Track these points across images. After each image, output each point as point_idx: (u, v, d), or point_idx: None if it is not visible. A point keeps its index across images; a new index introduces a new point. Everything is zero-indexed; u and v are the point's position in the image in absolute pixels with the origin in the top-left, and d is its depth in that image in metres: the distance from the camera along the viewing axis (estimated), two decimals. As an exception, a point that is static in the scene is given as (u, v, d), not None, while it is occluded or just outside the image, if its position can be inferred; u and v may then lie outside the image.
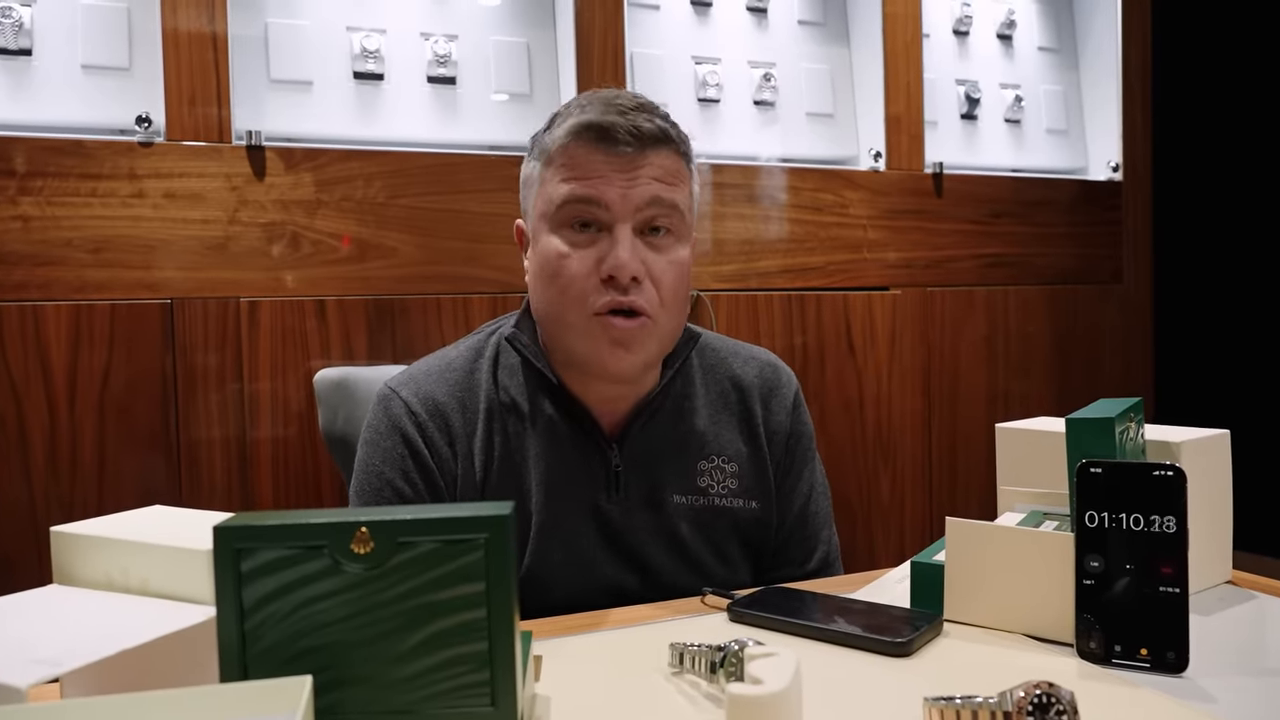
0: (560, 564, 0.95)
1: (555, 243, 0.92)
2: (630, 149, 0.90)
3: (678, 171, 0.94)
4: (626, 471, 0.98)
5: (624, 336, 0.90)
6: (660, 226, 0.93)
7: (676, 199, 0.93)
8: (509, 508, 0.55)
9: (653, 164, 0.91)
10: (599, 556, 0.97)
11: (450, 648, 0.54)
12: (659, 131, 0.91)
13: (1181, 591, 0.70)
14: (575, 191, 0.90)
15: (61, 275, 1.51)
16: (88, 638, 0.54)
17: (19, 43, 1.53)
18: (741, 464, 1.02)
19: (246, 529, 0.52)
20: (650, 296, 0.91)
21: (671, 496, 0.99)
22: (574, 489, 0.97)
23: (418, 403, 0.97)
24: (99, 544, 0.65)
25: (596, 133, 0.90)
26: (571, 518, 0.96)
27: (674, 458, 1.00)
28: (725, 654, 0.65)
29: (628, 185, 0.90)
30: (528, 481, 0.96)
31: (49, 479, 1.50)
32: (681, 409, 1.01)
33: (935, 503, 2.11)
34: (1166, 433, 0.91)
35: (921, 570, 0.85)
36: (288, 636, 0.53)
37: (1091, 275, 2.34)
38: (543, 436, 0.97)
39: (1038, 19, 2.38)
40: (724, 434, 1.02)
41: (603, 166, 0.90)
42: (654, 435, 0.99)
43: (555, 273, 0.92)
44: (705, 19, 2.03)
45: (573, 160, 0.91)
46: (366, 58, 1.75)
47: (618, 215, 0.90)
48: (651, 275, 0.91)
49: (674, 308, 0.94)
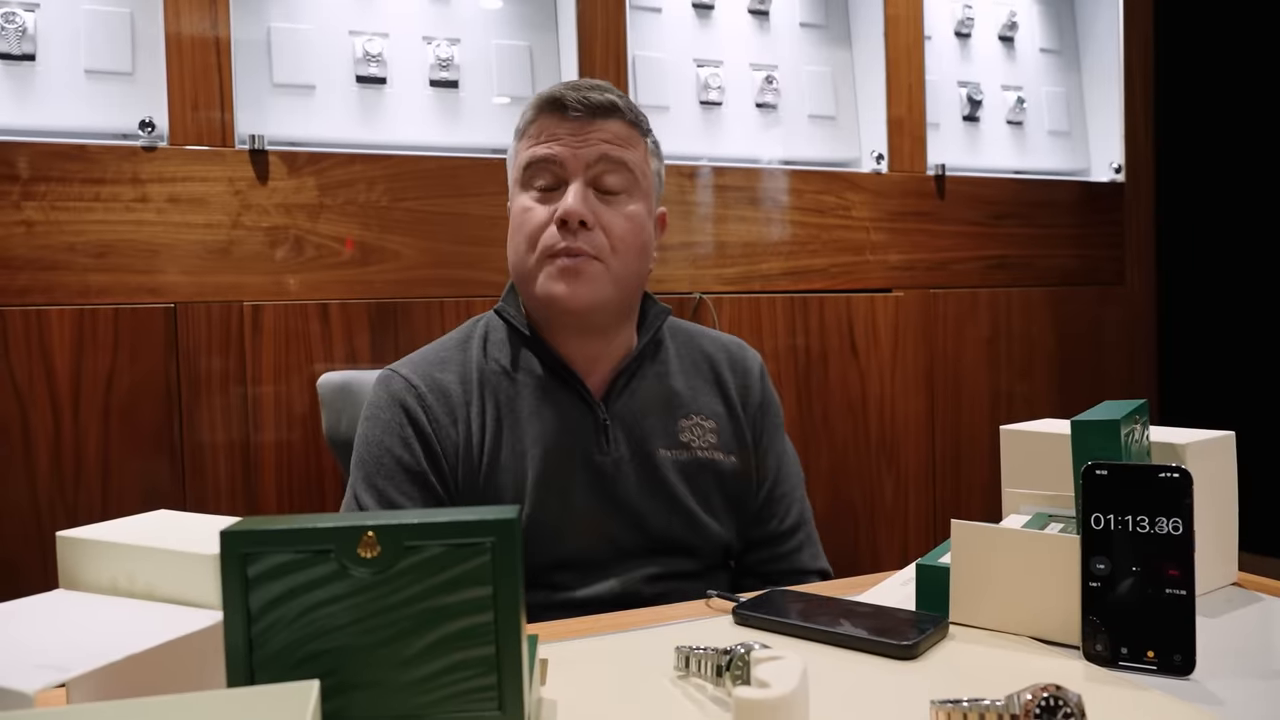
0: (557, 513, 1.02)
1: (522, 200, 1.06)
2: (580, 114, 1.03)
3: (628, 137, 1.05)
4: (614, 427, 1.06)
5: (569, 271, 1.01)
6: (611, 181, 1.04)
7: (625, 157, 1.04)
8: (514, 511, 0.55)
9: (602, 129, 1.03)
10: (594, 506, 1.04)
11: (457, 651, 0.54)
12: (607, 103, 1.04)
13: (1188, 594, 0.70)
14: (535, 153, 1.04)
15: (65, 280, 1.51)
16: (94, 643, 0.54)
17: (22, 48, 1.53)
18: (719, 422, 1.11)
19: (253, 533, 0.52)
20: (599, 241, 1.02)
21: (658, 450, 1.07)
22: (567, 443, 1.04)
23: (417, 378, 1.06)
24: (105, 549, 0.65)
25: (552, 104, 1.04)
26: (566, 469, 1.04)
27: (657, 416, 1.09)
28: (731, 657, 0.65)
29: (579, 145, 1.02)
30: (524, 439, 1.04)
31: (53, 483, 1.50)
32: (660, 373, 1.11)
33: (939, 504, 2.11)
34: (1171, 434, 0.91)
35: (927, 573, 0.85)
36: (295, 641, 0.53)
37: (1094, 277, 2.34)
38: (535, 396, 1.06)
39: (1039, 20, 2.38)
40: (700, 396, 1.12)
41: (558, 131, 1.03)
42: (637, 394, 1.09)
43: (520, 224, 1.05)
44: (707, 22, 2.03)
45: (535, 131, 1.05)
46: (369, 61, 1.75)
47: (571, 171, 1.03)
48: (602, 223, 1.02)
49: (626, 254, 1.04)
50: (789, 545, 1.14)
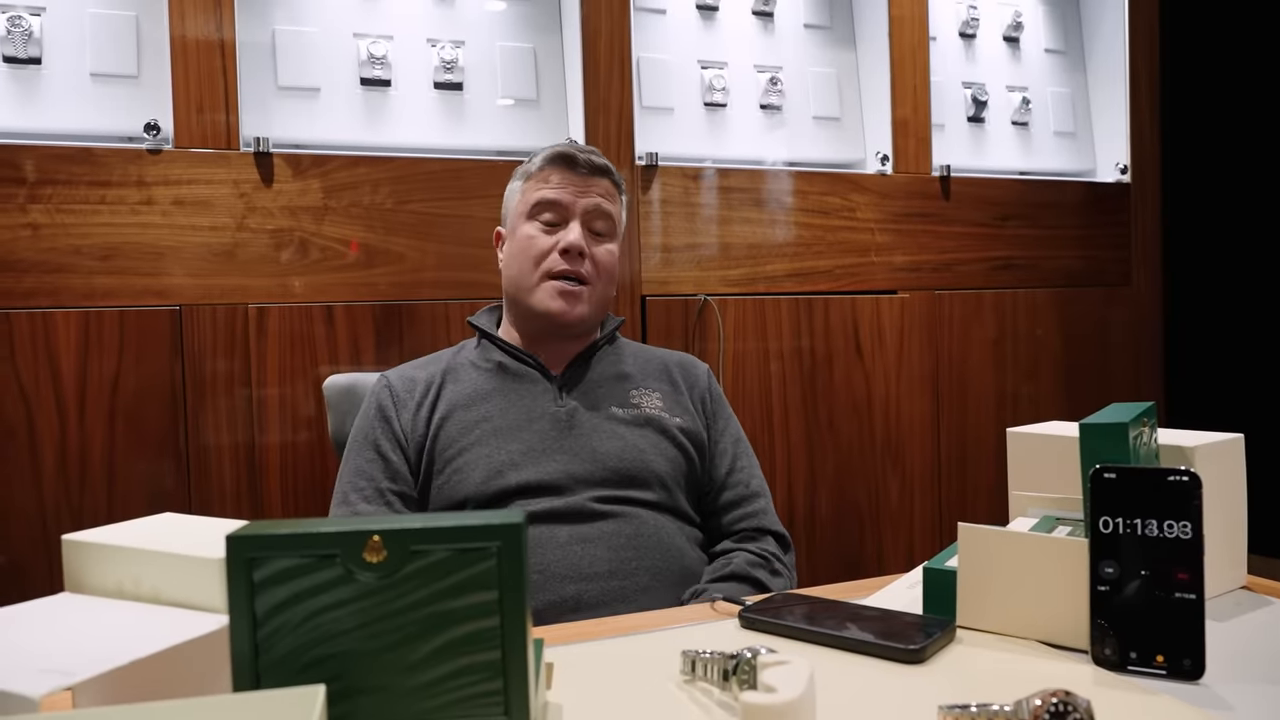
0: (518, 453, 1.20)
1: (528, 229, 1.30)
2: (585, 171, 1.30)
3: (613, 195, 1.33)
4: (569, 393, 1.27)
5: (570, 295, 1.27)
6: (599, 228, 1.30)
7: (611, 211, 1.32)
8: (520, 516, 0.54)
9: (598, 185, 1.31)
10: (551, 446, 1.21)
11: (463, 656, 0.53)
12: (603, 166, 1.32)
13: (1197, 598, 0.69)
14: (546, 195, 1.29)
15: (71, 282, 1.51)
16: (100, 647, 0.54)
17: (28, 51, 1.54)
18: (665, 398, 1.31)
19: (259, 538, 0.52)
20: (589, 270, 1.28)
21: (610, 408, 1.27)
22: (526, 402, 1.25)
23: (395, 377, 1.30)
24: (110, 552, 0.65)
25: (565, 159, 1.30)
26: (525, 419, 1.23)
27: (610, 388, 1.29)
28: (738, 662, 0.65)
29: (580, 195, 1.29)
30: (488, 405, 1.24)
31: (59, 485, 1.50)
32: (614, 360, 1.33)
33: (944, 506, 2.11)
34: (1179, 437, 0.91)
35: (934, 576, 0.84)
36: (300, 645, 0.53)
37: (1100, 278, 2.33)
38: (498, 376, 1.28)
39: (1044, 21, 2.38)
40: (649, 380, 1.33)
41: (566, 180, 1.29)
42: (593, 372, 1.30)
43: (526, 249, 1.29)
44: (711, 23, 2.03)
45: (545, 176, 1.30)
46: (373, 64, 1.75)
47: (572, 214, 1.29)
48: (592, 255, 1.29)
49: (605, 282, 1.31)
50: (754, 507, 1.30)
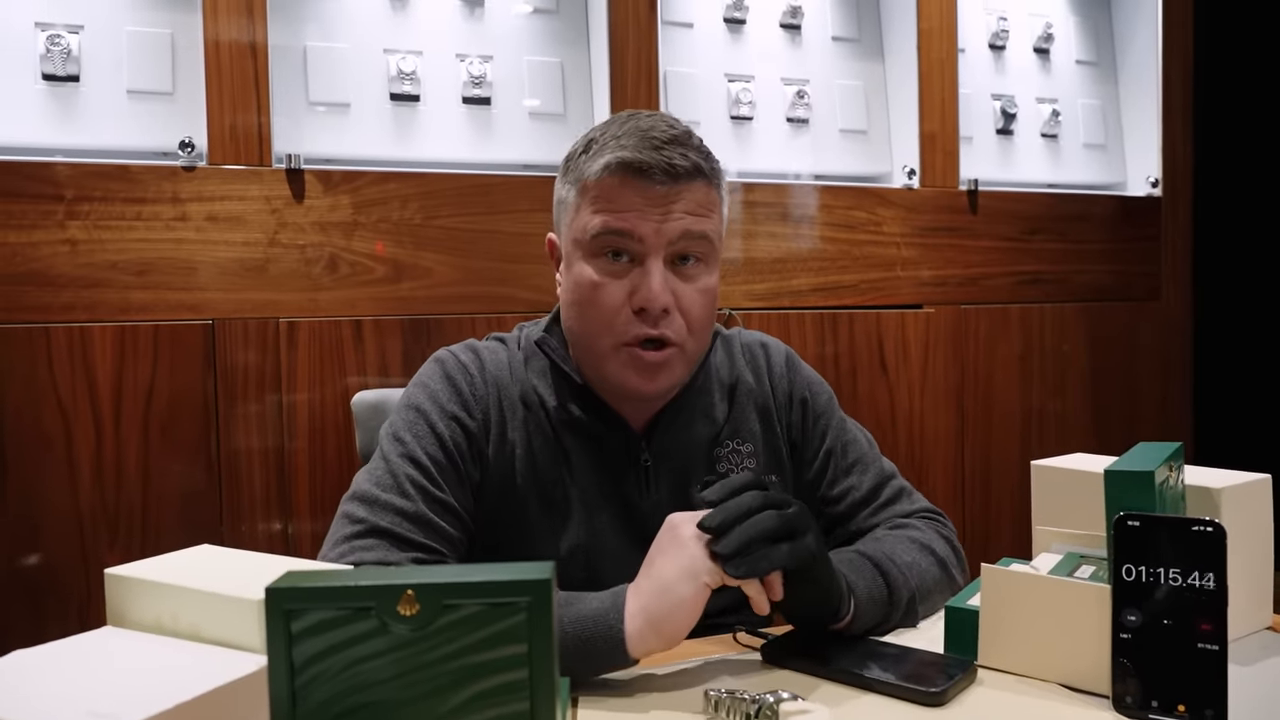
0: (605, 556, 0.98)
1: (589, 271, 0.95)
2: (663, 185, 0.92)
3: (709, 203, 0.96)
4: (656, 466, 1.01)
5: (652, 367, 0.94)
6: (690, 256, 0.95)
7: (707, 229, 0.95)
8: (549, 571, 0.56)
9: (685, 198, 0.93)
10: (628, 547, 0.97)
11: (493, 707, 0.55)
12: (692, 166, 0.93)
13: (1221, 649, 0.69)
14: (610, 224, 0.93)
15: (107, 297, 1.54)
16: (143, 689, 0.56)
17: (67, 69, 1.57)
18: (756, 444, 1.06)
19: (298, 590, 0.54)
20: (678, 326, 0.95)
21: (696, 486, 1.01)
22: (606, 485, 1.00)
23: (472, 362, 1.01)
24: (150, 588, 0.67)
25: (632, 170, 0.92)
26: (609, 515, 1.00)
27: (697, 448, 1.04)
28: (760, 707, 0.66)
29: (661, 220, 0.92)
30: (564, 476, 1.00)
31: (95, 492, 1.53)
32: (705, 405, 1.06)
33: (968, 524, 2.10)
34: (1206, 477, 0.91)
35: (956, 615, 0.85)
36: (336, 694, 0.54)
37: (1129, 292, 2.31)
38: (574, 434, 1.00)
39: (1076, 32, 2.35)
40: (738, 416, 1.06)
41: (637, 201, 0.92)
42: (680, 429, 1.03)
43: (589, 301, 0.95)
44: (738, 36, 2.03)
45: (607, 194, 0.93)
46: (403, 79, 1.77)
47: (650, 248, 0.93)
48: (681, 305, 0.95)
49: (701, 334, 0.98)
50: (876, 504, 1.08)
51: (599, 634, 0.78)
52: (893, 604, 0.91)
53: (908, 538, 1.00)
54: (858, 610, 0.87)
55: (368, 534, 0.90)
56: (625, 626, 0.78)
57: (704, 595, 0.78)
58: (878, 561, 0.93)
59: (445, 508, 0.93)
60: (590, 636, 0.78)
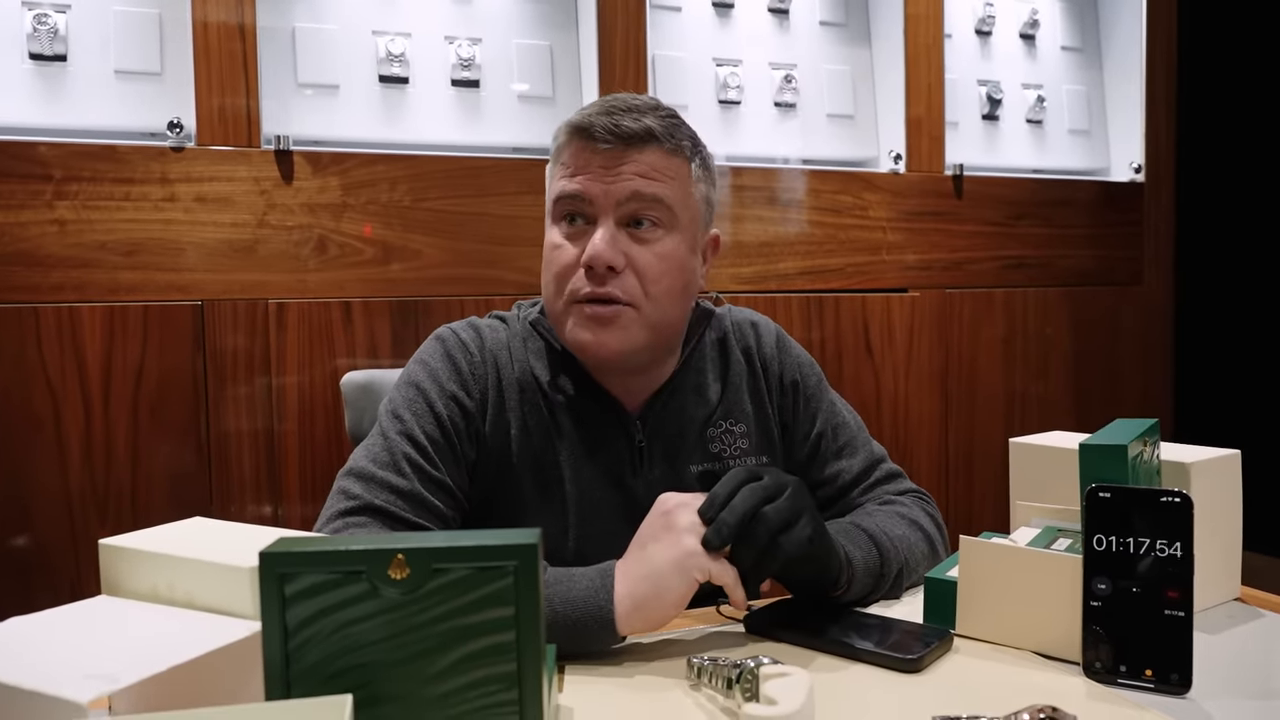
0: (594, 537, 1.00)
1: (553, 235, 0.99)
2: (610, 146, 0.95)
3: (666, 168, 0.97)
4: (650, 446, 1.03)
5: (599, 322, 0.95)
6: (644, 219, 0.96)
7: (659, 193, 0.96)
8: (535, 536, 0.57)
9: (636, 161, 0.95)
10: (623, 529, 0.95)
11: (481, 668, 0.56)
12: (643, 130, 0.95)
13: (1186, 615, 0.72)
14: (566, 187, 0.97)
15: (96, 277, 1.55)
16: (140, 653, 0.57)
17: (54, 49, 1.56)
18: (749, 424, 1.08)
19: (291, 555, 0.55)
20: (630, 285, 0.95)
21: (689, 468, 1.04)
22: (601, 466, 1.01)
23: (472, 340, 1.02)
24: (145, 558, 0.68)
25: (582, 133, 0.96)
26: (601, 494, 1.01)
27: (690, 428, 1.05)
28: (741, 671, 0.68)
29: (610, 181, 0.95)
30: (559, 456, 1.00)
31: (84, 472, 1.54)
32: (697, 384, 1.07)
33: (952, 504, 2.13)
34: (1180, 452, 0.93)
35: (935, 585, 0.87)
36: (329, 656, 0.56)
37: (1111, 277, 2.34)
38: (569, 414, 1.01)
39: (1061, 18, 2.37)
40: (731, 396, 1.08)
41: (588, 162, 0.96)
42: (675, 410, 1.05)
43: (549, 262, 0.99)
44: (726, 21, 2.04)
45: (566, 159, 0.98)
46: (392, 61, 1.77)
47: (600, 209, 0.96)
48: (634, 266, 0.96)
49: (662, 298, 0.97)
50: (865, 484, 1.10)
51: (589, 615, 0.80)
52: (883, 575, 0.93)
53: (897, 513, 1.03)
54: (853, 579, 0.90)
55: (362, 510, 0.92)
56: (615, 608, 0.80)
57: (693, 588, 0.80)
58: (872, 534, 0.95)
59: (440, 486, 0.95)
60: (580, 618, 0.80)
